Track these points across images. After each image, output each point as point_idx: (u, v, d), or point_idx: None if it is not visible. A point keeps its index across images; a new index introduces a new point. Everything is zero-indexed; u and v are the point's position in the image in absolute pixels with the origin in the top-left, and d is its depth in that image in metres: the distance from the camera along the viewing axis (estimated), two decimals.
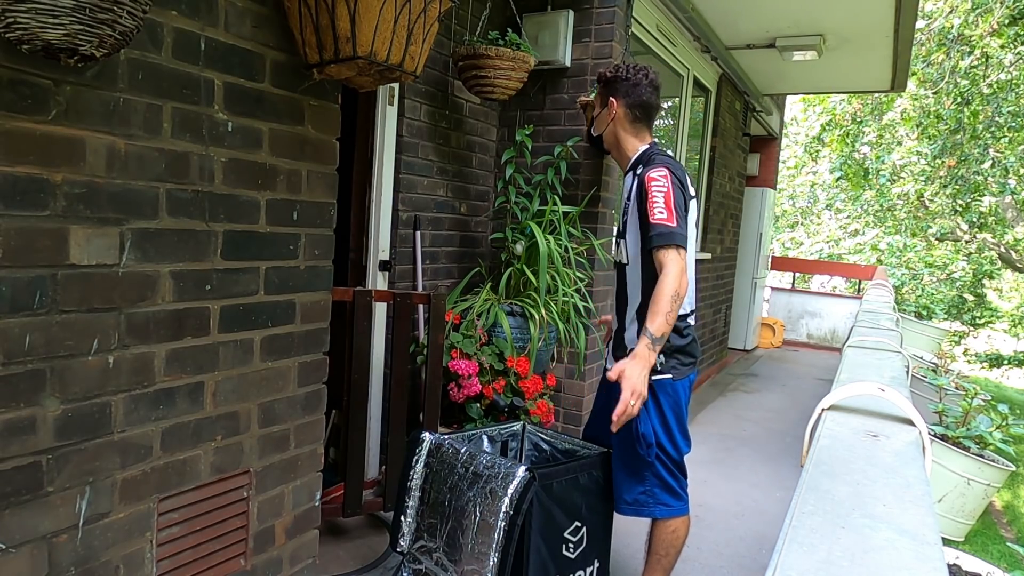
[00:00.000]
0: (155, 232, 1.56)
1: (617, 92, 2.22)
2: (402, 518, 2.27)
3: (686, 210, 2.00)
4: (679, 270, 1.87)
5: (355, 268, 3.13)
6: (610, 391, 2.24)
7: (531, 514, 1.94)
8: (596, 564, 2.18)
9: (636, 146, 2.21)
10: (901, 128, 12.29)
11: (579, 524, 2.09)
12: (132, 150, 1.49)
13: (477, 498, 2.03)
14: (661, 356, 2.02)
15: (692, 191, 2.13)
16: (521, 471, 1.97)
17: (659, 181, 1.90)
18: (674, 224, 1.87)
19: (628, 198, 2.14)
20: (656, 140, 2.27)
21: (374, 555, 2.67)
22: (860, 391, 1.67)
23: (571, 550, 2.07)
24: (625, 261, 2.17)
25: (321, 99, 1.96)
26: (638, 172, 2.08)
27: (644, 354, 1.87)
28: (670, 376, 2.08)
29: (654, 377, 2.02)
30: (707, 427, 4.74)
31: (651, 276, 1.99)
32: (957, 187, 12.04)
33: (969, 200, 12.28)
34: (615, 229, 2.22)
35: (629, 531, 2.73)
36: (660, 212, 1.88)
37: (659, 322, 1.87)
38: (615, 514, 2.25)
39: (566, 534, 2.06)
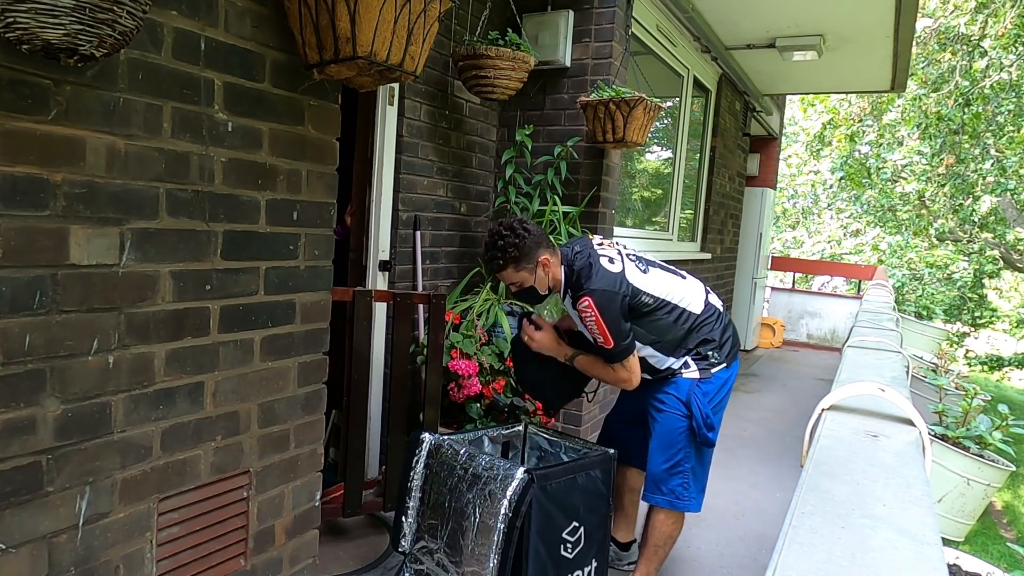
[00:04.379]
0: (155, 232, 1.56)
1: (539, 250, 2.23)
2: (403, 518, 2.27)
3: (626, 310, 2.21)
4: (623, 377, 2.27)
5: (355, 268, 3.13)
6: (629, 398, 2.55)
7: (530, 516, 1.94)
8: (594, 564, 2.18)
9: (561, 272, 2.29)
10: (902, 128, 12.28)
11: (577, 524, 2.09)
12: (132, 150, 1.49)
13: (476, 500, 2.03)
14: (693, 364, 2.32)
15: (638, 260, 2.34)
16: (520, 473, 1.97)
17: (586, 312, 2.14)
18: (611, 345, 2.16)
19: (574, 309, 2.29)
20: (560, 245, 2.32)
21: (374, 555, 2.67)
22: (860, 391, 1.67)
23: (569, 550, 2.07)
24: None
25: (321, 99, 1.96)
26: (572, 294, 2.27)
27: (558, 350, 2.40)
28: (697, 376, 2.32)
29: (699, 376, 2.33)
30: None
31: (656, 328, 2.28)
32: (956, 186, 12.04)
33: (969, 200, 12.28)
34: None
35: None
36: (599, 337, 2.16)
37: (585, 367, 2.35)
38: (612, 513, 2.28)
39: (564, 534, 2.06)
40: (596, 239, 2.39)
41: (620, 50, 3.47)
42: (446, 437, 2.29)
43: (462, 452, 2.16)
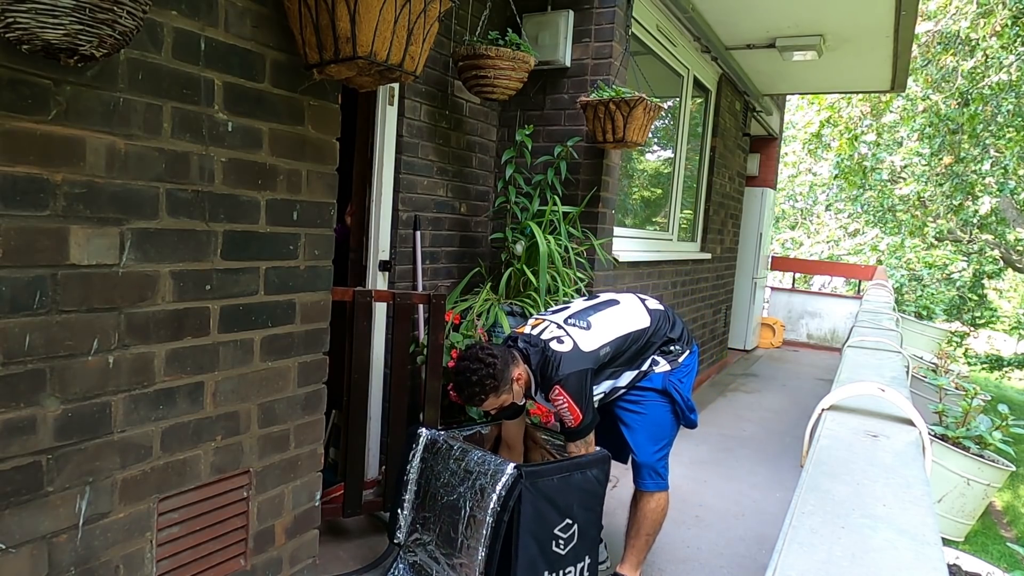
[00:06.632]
0: (155, 232, 1.56)
1: (509, 368, 2.23)
2: (399, 510, 2.32)
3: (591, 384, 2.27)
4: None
5: (355, 268, 3.13)
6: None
7: (519, 511, 1.97)
8: (587, 560, 2.20)
9: (528, 374, 2.31)
10: (902, 129, 12.27)
11: (570, 521, 2.12)
12: (132, 150, 1.49)
13: (467, 494, 2.07)
14: (663, 360, 2.42)
15: (596, 303, 2.45)
16: (510, 468, 2.01)
17: (559, 400, 2.21)
18: (578, 423, 2.22)
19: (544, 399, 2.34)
20: (520, 347, 2.32)
21: (374, 555, 2.67)
22: (860, 391, 1.67)
23: (562, 546, 2.10)
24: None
25: (321, 99, 1.96)
26: (543, 390, 2.29)
27: None
28: (668, 368, 2.43)
29: (669, 370, 2.43)
30: (707, 427, 4.74)
31: (623, 359, 2.36)
32: (954, 186, 12.02)
33: (967, 200, 12.27)
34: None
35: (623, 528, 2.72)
36: (568, 417, 2.22)
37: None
38: (604, 511, 2.30)
39: (556, 531, 2.08)
40: (527, 325, 2.42)
41: (620, 50, 3.47)
42: (442, 433, 2.33)
43: (456, 447, 2.21)
